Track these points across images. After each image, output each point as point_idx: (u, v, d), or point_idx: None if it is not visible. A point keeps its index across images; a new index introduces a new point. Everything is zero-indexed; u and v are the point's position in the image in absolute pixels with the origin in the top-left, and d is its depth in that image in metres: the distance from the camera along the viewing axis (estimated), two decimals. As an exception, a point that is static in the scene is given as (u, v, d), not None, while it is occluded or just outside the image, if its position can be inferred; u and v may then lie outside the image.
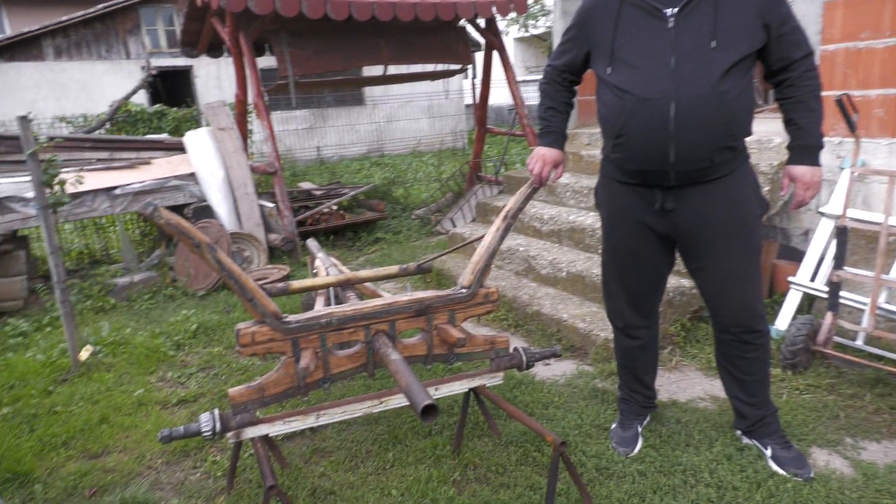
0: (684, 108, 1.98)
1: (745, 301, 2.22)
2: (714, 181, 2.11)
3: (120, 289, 4.94)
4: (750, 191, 2.17)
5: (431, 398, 1.60)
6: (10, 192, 4.86)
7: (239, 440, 2.05)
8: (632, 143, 2.10)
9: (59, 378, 3.49)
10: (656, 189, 2.18)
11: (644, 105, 2.03)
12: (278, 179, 5.91)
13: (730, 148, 2.07)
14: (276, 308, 1.97)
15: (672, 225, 2.21)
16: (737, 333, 2.28)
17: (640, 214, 2.24)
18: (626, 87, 2.06)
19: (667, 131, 2.01)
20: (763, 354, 2.31)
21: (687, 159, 2.04)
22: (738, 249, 2.16)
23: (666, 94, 1.99)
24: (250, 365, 3.57)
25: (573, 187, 4.69)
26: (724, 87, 1.98)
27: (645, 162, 2.10)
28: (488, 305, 2.27)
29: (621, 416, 2.61)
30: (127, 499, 2.34)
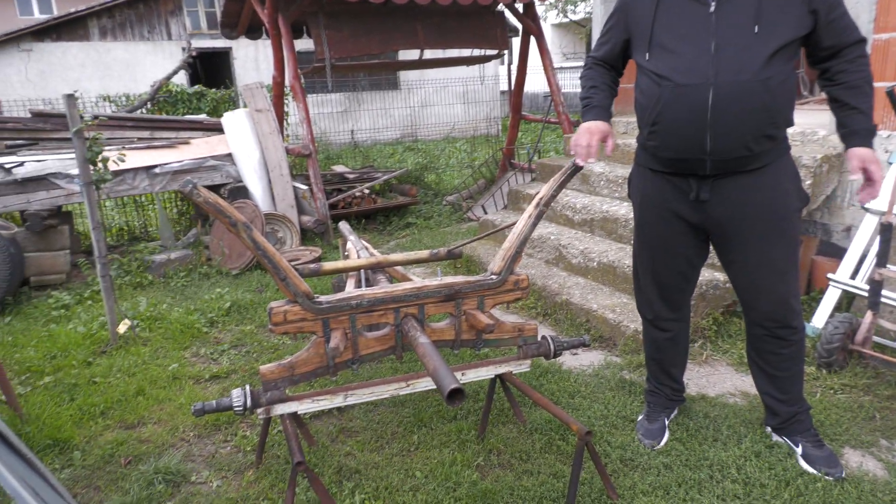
0: (723, 94, 1.94)
1: (781, 296, 2.17)
2: (752, 171, 2.06)
3: (157, 265, 5.06)
4: (789, 183, 2.11)
5: (458, 382, 1.61)
6: (55, 168, 5.00)
7: (269, 416, 2.10)
8: (667, 131, 2.07)
9: (98, 350, 3.61)
10: (691, 178, 2.14)
11: (681, 91, 1.99)
12: (312, 162, 5.96)
13: (769, 137, 2.01)
14: (308, 288, 2.00)
15: (706, 216, 2.17)
16: (770, 328, 2.23)
17: (674, 204, 2.21)
18: (663, 73, 2.02)
19: (704, 118, 1.97)
20: (797, 351, 2.26)
21: (724, 148, 2.00)
22: (774, 243, 2.12)
23: (704, 80, 1.95)
24: (281, 344, 3.63)
25: (607, 176, 4.63)
26: (766, 74, 1.92)
27: (680, 150, 2.07)
28: (518, 292, 2.27)
29: (648, 408, 2.59)
30: (160, 469, 2.42)
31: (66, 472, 2.47)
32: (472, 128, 15.58)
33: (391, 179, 7.51)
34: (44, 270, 4.86)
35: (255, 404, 2.03)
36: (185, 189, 1.73)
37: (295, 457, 1.89)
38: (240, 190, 5.72)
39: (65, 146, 5.50)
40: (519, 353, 2.36)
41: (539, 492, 2.20)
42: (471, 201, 7.27)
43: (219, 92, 9.56)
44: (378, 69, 7.01)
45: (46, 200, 4.93)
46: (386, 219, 6.89)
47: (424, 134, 15.39)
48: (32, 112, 5.63)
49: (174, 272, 5.05)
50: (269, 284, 4.74)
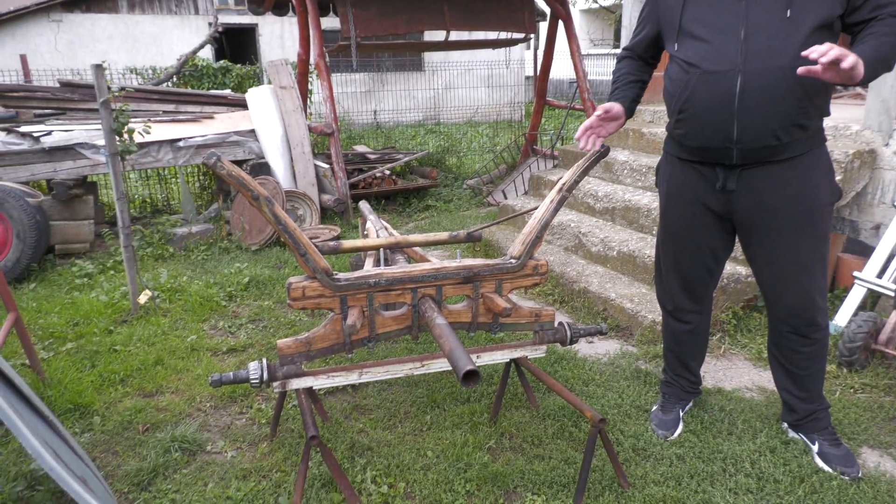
0: (752, 81, 1.89)
1: (806, 293, 2.13)
2: (782, 162, 2.02)
3: (178, 238, 5.12)
4: (821, 176, 2.06)
5: (474, 364, 1.61)
6: (82, 138, 5.06)
7: (284, 390, 2.12)
8: (694, 119, 2.03)
9: (119, 319, 3.67)
10: (718, 167, 2.10)
11: (709, 78, 1.95)
12: (334, 141, 5.97)
13: (800, 126, 1.95)
14: (328, 265, 2.01)
15: (733, 206, 2.14)
16: (794, 325, 2.20)
17: (700, 194, 2.17)
18: (692, 61, 1.99)
19: (730, 106, 1.93)
20: (820, 349, 2.23)
21: (751, 136, 1.95)
22: (802, 238, 2.07)
23: (733, 66, 1.91)
24: (297, 320, 3.66)
25: (631, 165, 4.57)
26: (799, 61, 1.87)
27: (706, 138, 2.03)
28: (536, 278, 2.26)
29: (663, 399, 2.57)
30: (177, 437, 2.46)
31: (86, 437, 2.53)
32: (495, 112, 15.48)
33: (412, 161, 7.50)
34: (68, 239, 4.94)
35: (272, 378, 2.06)
36: (210, 161, 1.73)
37: (309, 431, 1.91)
38: (262, 166, 5.75)
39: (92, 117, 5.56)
40: (535, 338, 2.35)
41: (550, 476, 2.20)
42: (491, 186, 7.24)
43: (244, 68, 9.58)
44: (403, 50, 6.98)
45: (73, 170, 4.99)
46: (405, 200, 6.88)
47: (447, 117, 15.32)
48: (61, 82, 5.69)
49: (195, 245, 5.10)
50: (288, 261, 4.78)
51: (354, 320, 1.99)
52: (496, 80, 15.88)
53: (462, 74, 15.56)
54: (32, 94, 5.53)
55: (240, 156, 5.72)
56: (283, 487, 2.20)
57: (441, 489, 2.16)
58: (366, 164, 7.07)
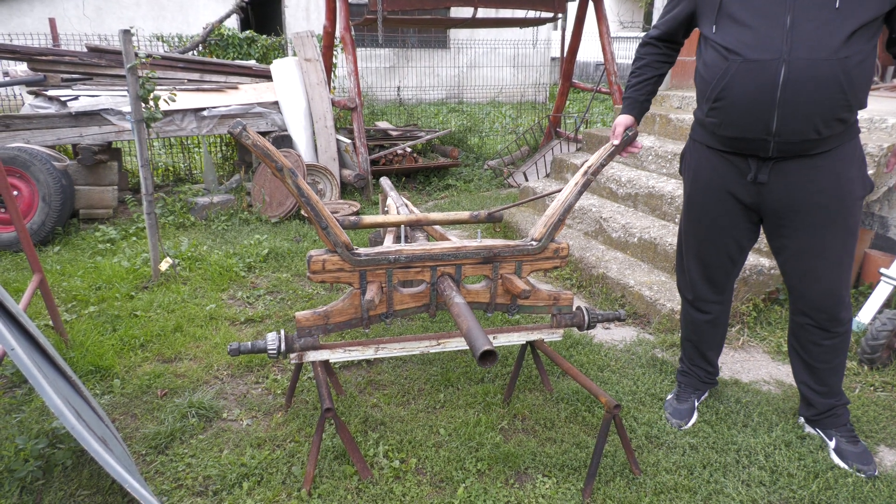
0: (796, 72, 1.83)
1: (832, 287, 2.10)
2: (817, 155, 1.97)
3: (200, 208, 5.16)
4: (854, 170, 2.01)
5: (491, 344, 1.61)
6: (108, 104, 5.10)
7: (300, 362, 2.14)
8: (731, 108, 1.97)
9: (140, 285, 3.72)
10: (751, 159, 2.06)
11: (751, 67, 1.89)
12: (357, 116, 5.95)
13: (841, 120, 1.91)
14: (348, 239, 2.01)
15: (762, 198, 2.10)
16: (817, 319, 2.17)
17: (729, 184, 2.14)
18: (731, 47, 1.93)
19: (772, 97, 1.88)
20: (841, 343, 2.20)
21: (791, 129, 1.90)
22: (832, 231, 2.03)
23: (777, 55, 1.85)
24: (315, 294, 3.69)
25: (656, 151, 4.51)
26: (845, 52, 1.81)
27: (743, 129, 1.98)
28: (557, 261, 2.24)
29: (679, 388, 2.56)
30: (194, 403, 2.50)
31: (106, 399, 2.58)
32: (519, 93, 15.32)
33: (434, 140, 7.46)
34: (92, 204, 5.00)
35: (289, 349, 2.07)
36: (235, 130, 1.73)
37: (324, 403, 1.93)
38: (284, 139, 5.76)
39: (118, 83, 5.59)
40: (552, 321, 2.34)
41: (561, 460, 2.21)
42: (512, 167, 7.19)
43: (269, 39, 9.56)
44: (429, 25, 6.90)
45: (98, 135, 5.04)
46: (426, 179, 6.86)
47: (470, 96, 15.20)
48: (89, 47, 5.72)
49: (216, 215, 5.14)
50: (307, 234, 4.80)
51: (373, 296, 1.99)
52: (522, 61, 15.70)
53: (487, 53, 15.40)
54: (60, 58, 5.57)
55: (262, 127, 5.73)
56: (296, 457, 2.23)
57: (452, 467, 2.18)
58: (387, 141, 7.05)
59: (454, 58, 15.31)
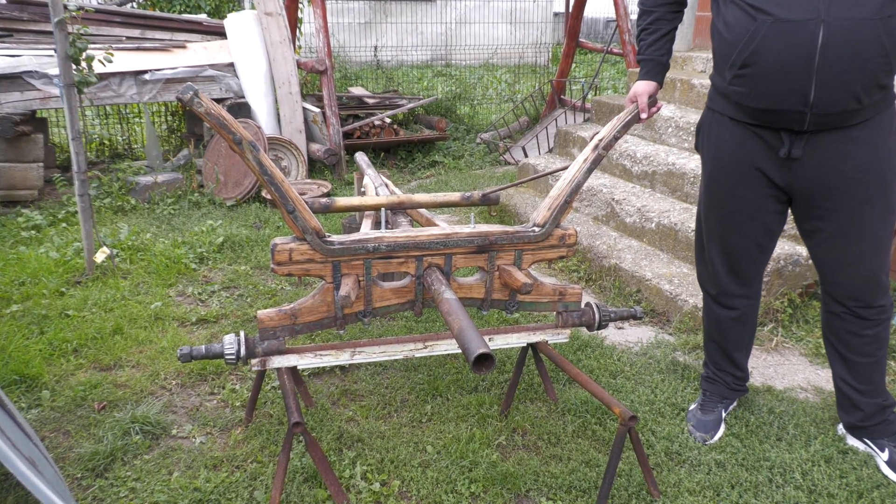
0: (835, 34, 1.85)
1: (871, 271, 2.15)
2: (852, 127, 2.00)
3: (142, 189, 5.12)
4: (893, 140, 2.05)
5: (487, 346, 1.61)
6: (31, 66, 5.02)
7: (263, 369, 2.13)
8: (761, 76, 1.98)
9: (72, 279, 3.69)
10: (783, 132, 2.07)
11: (784, 28, 1.90)
12: (327, 80, 5.91)
13: (881, 86, 1.94)
14: (319, 225, 2.00)
15: (795, 176, 2.12)
16: (852, 307, 2.22)
17: (758, 161, 2.15)
18: (759, 5, 1.93)
19: (810, 63, 1.88)
20: (883, 333, 2.25)
21: (830, 99, 1.92)
22: (870, 209, 2.07)
23: (813, 15, 1.86)
24: (279, 289, 3.68)
25: (677, 122, 4.53)
26: (889, 11, 1.84)
27: (776, 100, 1.99)
28: (563, 249, 2.25)
29: (703, 397, 2.59)
30: (138, 418, 2.49)
31: (34, 413, 2.56)
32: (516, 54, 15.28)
33: (417, 108, 7.43)
34: (13, 184, 4.93)
35: (250, 354, 2.07)
36: (185, 97, 1.72)
37: (292, 416, 1.93)
38: (241, 107, 5.71)
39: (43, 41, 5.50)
40: (557, 320, 2.35)
41: (568, 480, 2.23)
42: (509, 141, 7.19)
43: (222, -11, 9.45)
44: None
45: (19, 103, 4.96)
46: (408, 154, 6.84)
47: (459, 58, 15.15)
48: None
49: (160, 198, 5.10)
50: (269, 220, 4.77)
51: (348, 291, 1.99)
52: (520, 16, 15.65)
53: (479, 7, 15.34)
54: (-27, 11, 5.48)
55: (216, 94, 5.68)
56: (259, 480, 2.23)
57: (442, 490, 2.19)
58: (363, 110, 7.02)
59: (440, 12, 15.23)
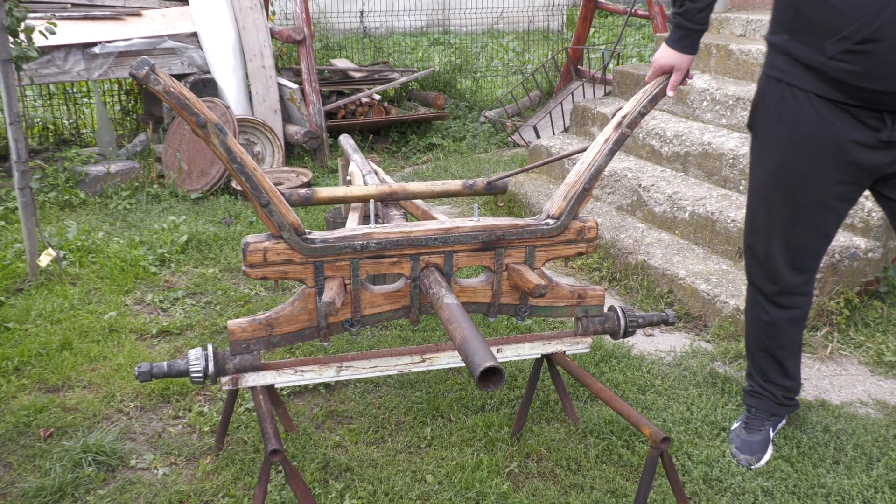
0: None
1: None
2: None
3: (92, 180, 5.11)
4: None
5: (495, 359, 1.61)
6: (-40, 39, 5.02)
7: (235, 388, 2.13)
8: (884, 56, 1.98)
9: (12, 287, 3.69)
10: (886, 114, 2.10)
11: None
12: (306, 52, 5.91)
13: None
14: (298, 220, 2.00)
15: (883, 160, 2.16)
16: None
17: (848, 143, 2.16)
18: None
19: None
20: None
21: None
22: None
23: None
24: (253, 295, 3.68)
25: (713, 95, 4.52)
26: None
27: None
28: (582, 245, 2.25)
29: (748, 415, 2.59)
30: (90, 447, 2.49)
31: (-31, 442, 2.56)
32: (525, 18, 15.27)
33: (411, 83, 7.42)
34: (-57, 177, 4.93)
35: (220, 371, 2.06)
36: (140, 73, 1.71)
37: (269, 443, 1.92)
38: (206, 84, 5.71)
39: (-26, 10, 5.50)
40: (576, 327, 2.35)
41: (591, 513, 2.23)
42: (518, 119, 7.18)
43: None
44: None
45: (-52, 83, 4.96)
46: (402, 136, 6.84)
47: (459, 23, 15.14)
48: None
49: (114, 190, 5.09)
50: (241, 215, 4.77)
51: (333, 296, 1.98)
52: (528, -26, 15.63)
53: (482, -36, 15.32)
54: None
55: (176, 69, 5.67)
56: (232, 517, 2.22)
57: (444, 525, 2.19)
58: (348, 86, 7.01)
59: (437, -29, 15.23)
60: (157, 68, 1.74)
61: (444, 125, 7.11)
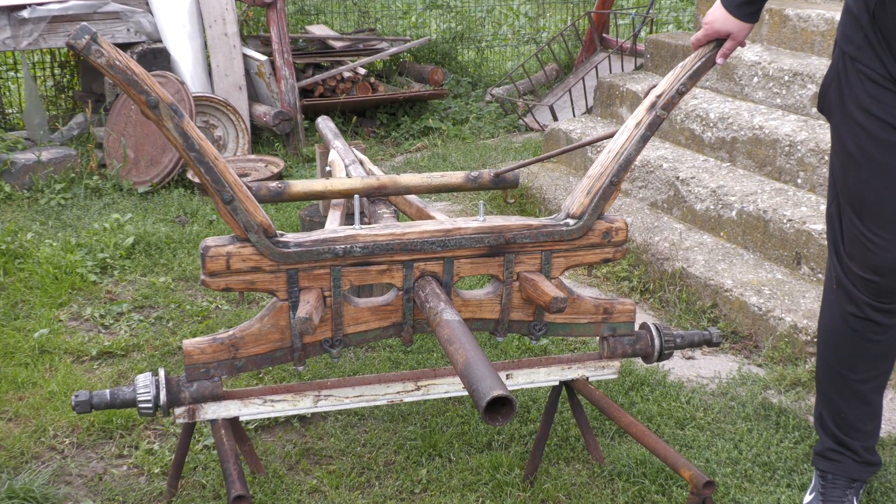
0: None
1: None
2: None
3: (19, 170, 5.11)
4: None
5: (504, 387, 1.61)
6: None
7: (192, 421, 2.13)
8: None
9: (-77, 298, 3.69)
10: None
11: None
12: (277, 16, 5.91)
13: None
14: (268, 219, 2.00)
15: None
16: None
17: None
18: None
19: None
20: None
21: None
22: None
23: None
24: (213, 309, 3.68)
25: (766, 69, 4.53)
26: None
27: None
28: (608, 250, 2.25)
29: (823, 484, 2.48)
30: (17, 491, 2.48)
31: None
32: (540, -24, 15.31)
33: (403, 54, 7.43)
34: None
35: (173, 401, 2.06)
36: (79, 43, 1.71)
37: (233, 488, 1.92)
38: (156, 55, 5.71)
39: None
40: (602, 348, 2.35)
41: (619, 572, 2.23)
42: (531, 98, 7.19)
43: None
44: None
45: None
46: (391, 118, 6.84)
47: (461, -18, 15.16)
48: None
49: (46, 183, 5.09)
50: (198, 212, 4.77)
51: (310, 311, 1.99)
52: (544, -77, 15.66)
53: (488, -88, 15.34)
54: None
55: (121, 37, 5.67)
56: (187, 577, 2.22)
57: (443, 587, 2.19)
58: (327, 57, 7.02)
59: (434, -81, 15.25)
60: (100, 37, 1.75)
61: (442, 105, 7.11)
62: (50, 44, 5.53)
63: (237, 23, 5.90)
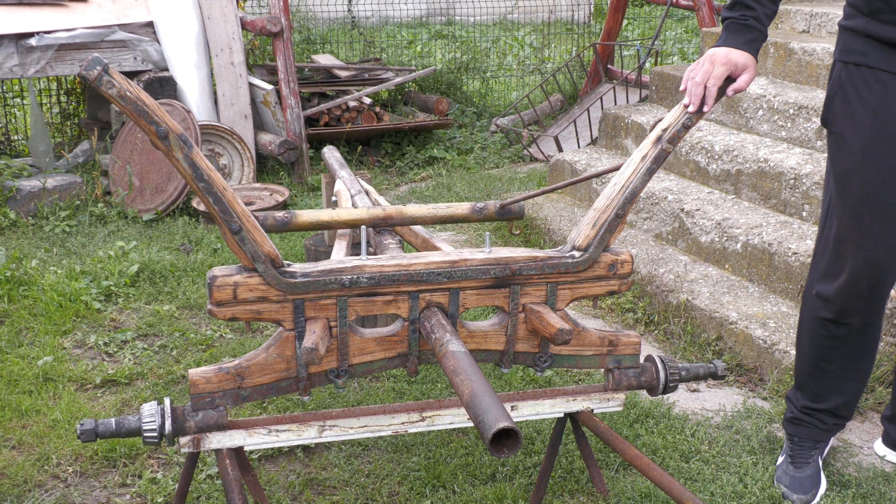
0: None
1: None
2: None
3: (25, 197, 5.14)
4: None
5: (510, 419, 1.62)
6: None
7: (197, 451, 2.13)
8: None
9: (-73, 325, 3.70)
10: None
11: None
12: (283, 46, 5.95)
13: None
14: (275, 249, 2.01)
15: None
16: None
17: None
18: None
19: None
20: None
21: None
22: None
23: None
24: (218, 337, 3.68)
25: (771, 102, 4.56)
26: None
27: None
28: (614, 282, 2.26)
29: (791, 445, 2.72)
30: (20, 520, 2.49)
31: None
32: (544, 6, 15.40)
33: (408, 84, 7.47)
34: None
35: (178, 430, 2.06)
36: (90, 73, 1.74)
37: (237, 518, 1.93)
38: (163, 83, 5.75)
39: None
40: (607, 380, 2.35)
41: None
42: (536, 129, 7.22)
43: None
44: None
45: None
46: (396, 148, 6.86)
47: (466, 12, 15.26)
48: None
49: (51, 210, 5.11)
50: (203, 240, 4.79)
51: (316, 341, 1.99)
52: (549, -45, 15.78)
53: (493, -57, 15.47)
54: None
55: (128, 65, 5.71)
56: None
57: None
58: (333, 86, 7.06)
59: (439, -50, 15.38)
60: (112, 69, 1.77)
61: (447, 135, 7.15)
62: (57, 71, 5.58)
63: (244, 52, 5.95)
